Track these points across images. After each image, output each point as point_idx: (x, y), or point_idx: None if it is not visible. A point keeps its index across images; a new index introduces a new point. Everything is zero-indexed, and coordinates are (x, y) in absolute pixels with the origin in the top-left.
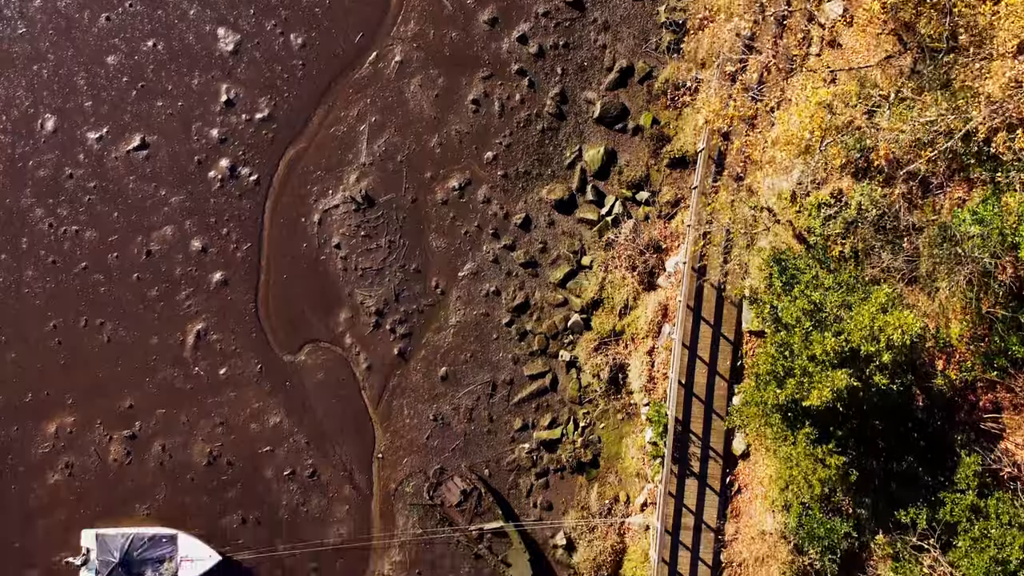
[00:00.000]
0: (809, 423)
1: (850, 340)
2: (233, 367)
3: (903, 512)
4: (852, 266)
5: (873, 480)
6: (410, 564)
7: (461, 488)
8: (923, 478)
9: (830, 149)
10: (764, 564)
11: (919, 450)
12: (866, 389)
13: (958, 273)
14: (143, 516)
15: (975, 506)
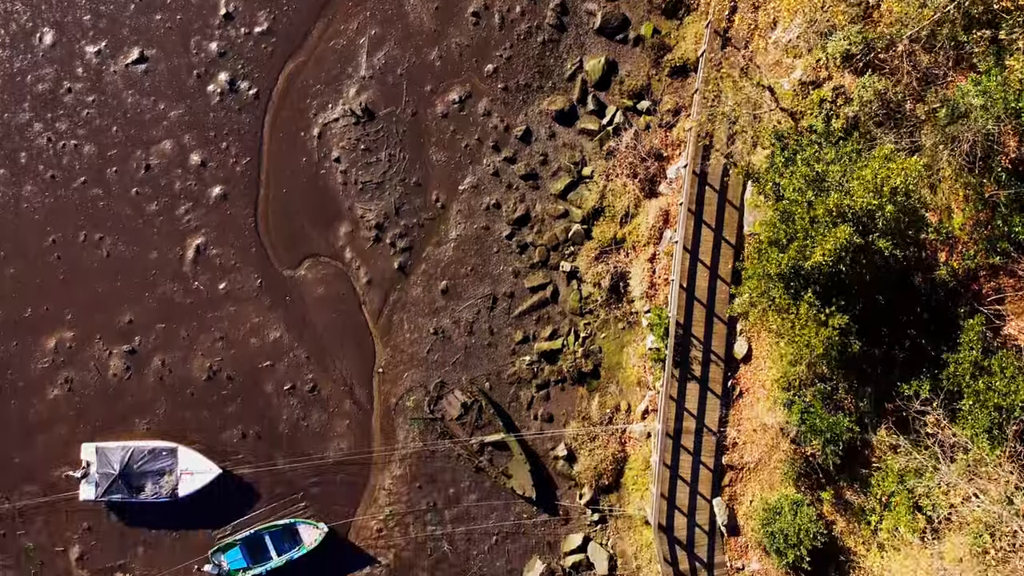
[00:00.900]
0: (812, 292)
1: (853, 198)
2: (233, 282)
3: (906, 385)
4: (855, 139)
5: (876, 369)
6: (411, 478)
7: (462, 401)
8: (926, 350)
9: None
10: (766, 466)
11: (922, 323)
12: (868, 253)
13: (962, 142)
14: (143, 431)
15: (978, 363)
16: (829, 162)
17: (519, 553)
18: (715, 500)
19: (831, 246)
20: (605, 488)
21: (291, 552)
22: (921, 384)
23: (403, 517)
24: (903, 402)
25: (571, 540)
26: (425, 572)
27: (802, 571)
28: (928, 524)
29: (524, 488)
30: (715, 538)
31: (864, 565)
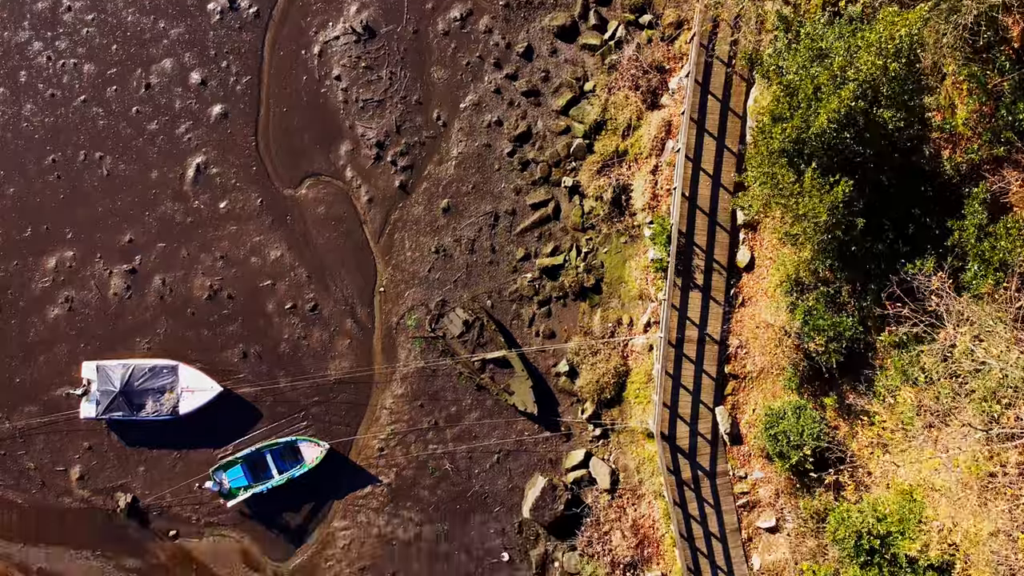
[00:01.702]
0: (815, 166)
1: (857, 65)
2: (233, 201)
3: (911, 264)
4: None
5: (879, 266)
6: (412, 396)
7: (463, 319)
8: (931, 231)
9: None
10: (769, 375)
11: (926, 204)
12: (873, 125)
13: (964, 13)
14: (144, 350)
15: (983, 227)
16: (833, 40)
17: (520, 471)
18: (717, 409)
19: (835, 106)
20: (607, 402)
21: (292, 470)
22: (925, 261)
23: (404, 436)
24: (906, 276)
25: (573, 456)
26: (426, 491)
27: (805, 474)
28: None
29: (526, 404)
30: (718, 447)
31: (868, 466)
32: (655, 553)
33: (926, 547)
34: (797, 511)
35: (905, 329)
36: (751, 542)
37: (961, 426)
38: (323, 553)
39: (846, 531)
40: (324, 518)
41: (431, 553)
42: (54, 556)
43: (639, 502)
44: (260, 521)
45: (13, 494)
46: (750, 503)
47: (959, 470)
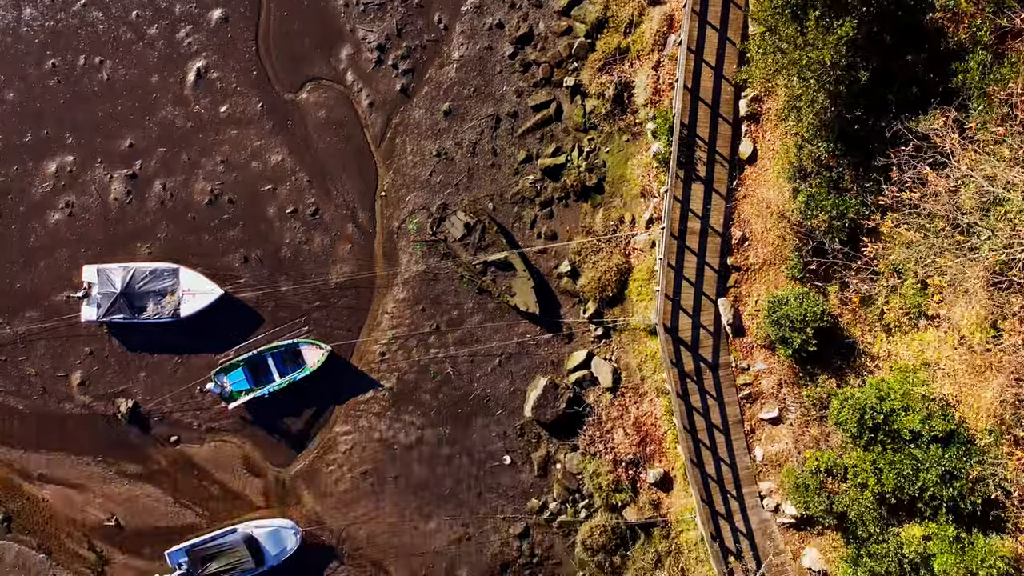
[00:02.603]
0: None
1: None
2: (234, 105)
3: (914, 121)
4: None
5: (882, 147)
6: (413, 301)
7: (464, 222)
8: (934, 86)
9: None
10: (772, 267)
11: (928, 64)
12: None
13: None
14: (145, 255)
15: (986, 66)
16: None
17: (522, 373)
18: (720, 300)
19: None
20: (609, 301)
21: (294, 373)
22: (929, 118)
23: (406, 340)
24: (907, 123)
25: (574, 357)
26: (428, 395)
27: (808, 360)
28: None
29: (527, 304)
30: (720, 339)
31: (871, 352)
32: (657, 450)
33: (928, 418)
34: (800, 400)
35: (907, 196)
36: (753, 434)
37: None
38: (324, 458)
39: (849, 412)
40: (325, 423)
41: (433, 457)
42: (55, 462)
43: (641, 400)
44: (261, 427)
45: (14, 400)
46: (752, 395)
47: (961, 338)
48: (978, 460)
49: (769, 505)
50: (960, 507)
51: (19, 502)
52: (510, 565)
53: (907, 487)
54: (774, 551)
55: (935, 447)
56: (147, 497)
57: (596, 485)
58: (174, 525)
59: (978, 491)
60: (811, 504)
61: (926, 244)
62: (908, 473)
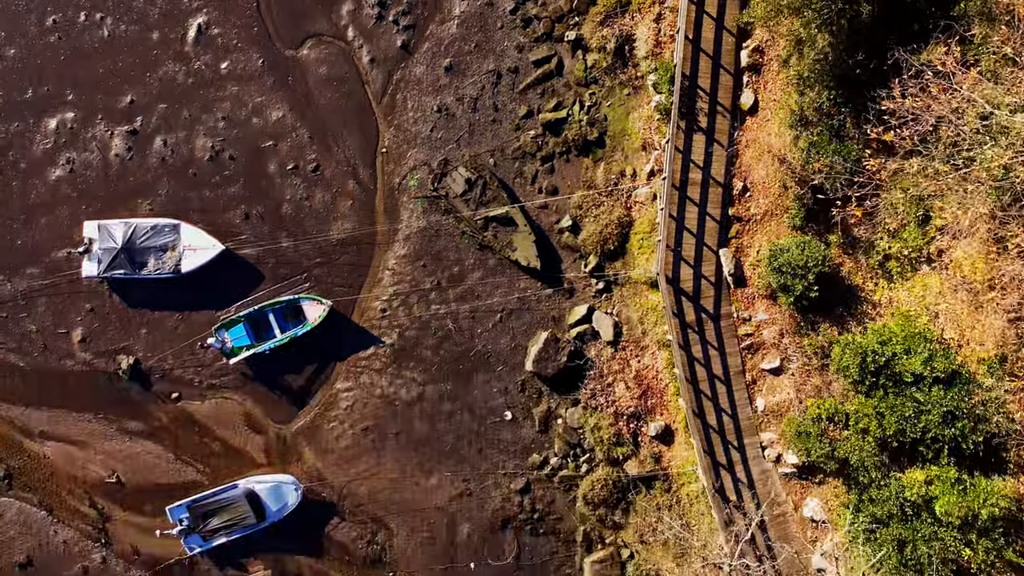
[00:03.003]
0: None
1: None
2: (235, 62)
3: (915, 57)
4: None
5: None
6: (415, 257)
7: (465, 177)
8: (935, 18)
9: None
10: (773, 217)
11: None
12: None
13: None
14: (146, 211)
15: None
16: None
17: (523, 329)
18: (721, 251)
19: None
20: (610, 255)
21: (294, 329)
22: (930, 48)
23: (407, 296)
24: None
25: (576, 312)
26: (429, 351)
27: (809, 309)
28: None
29: (529, 259)
30: (721, 289)
31: (872, 299)
32: (658, 403)
33: (930, 360)
34: (801, 350)
35: (908, 132)
36: (755, 384)
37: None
38: (325, 414)
39: (850, 357)
40: (327, 380)
41: (434, 413)
42: (56, 419)
43: (642, 353)
44: (262, 383)
45: (15, 357)
46: (754, 345)
47: (963, 276)
48: (980, 400)
49: (770, 455)
50: (962, 448)
51: (20, 459)
52: (511, 520)
53: (909, 429)
54: (775, 501)
55: (937, 388)
56: (148, 454)
57: (597, 439)
58: (175, 482)
59: (980, 430)
60: (812, 451)
61: (927, 169)
62: (910, 416)
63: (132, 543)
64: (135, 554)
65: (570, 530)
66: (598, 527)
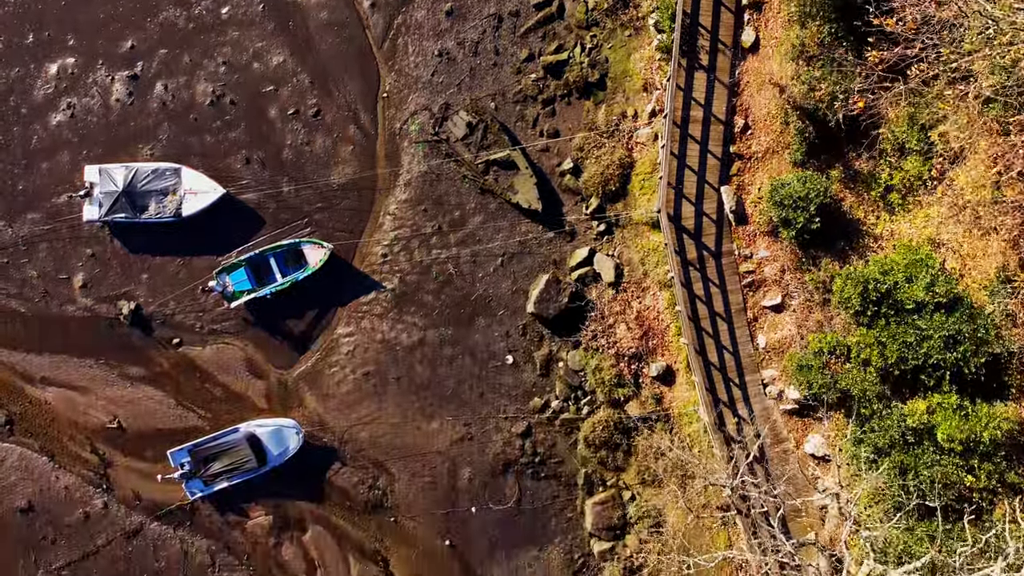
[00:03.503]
0: None
1: None
2: (235, 7)
3: None
4: None
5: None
6: (416, 201)
7: (467, 121)
8: None
9: None
10: (774, 154)
11: None
12: None
13: None
14: (146, 156)
15: None
16: None
17: (524, 273)
18: (723, 188)
19: None
20: (611, 196)
21: (296, 273)
22: None
23: (408, 241)
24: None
25: (577, 255)
26: (430, 296)
27: (811, 244)
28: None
29: (530, 202)
30: (723, 227)
31: (874, 233)
32: (660, 344)
33: (932, 285)
34: (803, 286)
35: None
36: (756, 322)
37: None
38: (327, 360)
39: (852, 287)
40: (328, 325)
41: (435, 357)
42: (57, 364)
43: (643, 295)
44: (264, 329)
45: (16, 303)
46: (755, 283)
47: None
48: (982, 324)
49: (772, 392)
50: (964, 374)
51: (21, 405)
52: (512, 464)
53: (910, 356)
54: (776, 438)
55: (939, 314)
56: (149, 400)
57: (598, 380)
58: (176, 427)
59: (982, 352)
60: (814, 383)
61: (931, 89)
62: (911, 343)
63: (133, 489)
64: (136, 499)
65: (571, 473)
66: (599, 470)
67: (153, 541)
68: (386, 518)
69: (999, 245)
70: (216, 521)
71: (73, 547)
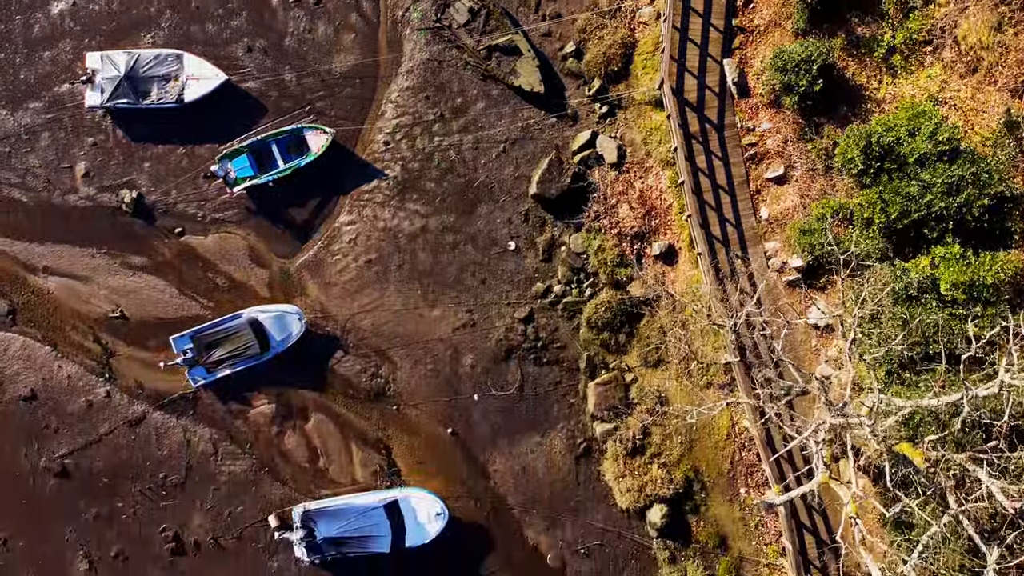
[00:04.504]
0: None
1: None
2: None
3: None
4: None
5: None
6: (418, 89)
7: (469, 7)
8: None
9: None
10: (776, 27)
11: None
12: None
13: None
14: (148, 44)
15: None
16: None
17: (527, 159)
18: (725, 60)
19: None
20: (613, 77)
21: (298, 159)
22: None
23: (410, 128)
24: None
25: (579, 138)
26: (432, 183)
27: (813, 111)
28: None
29: (532, 84)
30: (725, 99)
31: (876, 97)
32: (662, 223)
33: (935, 132)
34: (806, 154)
35: None
36: (759, 195)
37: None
38: (329, 248)
39: (855, 145)
40: (330, 214)
41: (437, 245)
42: (60, 254)
43: (646, 174)
44: (266, 218)
45: (18, 192)
46: (758, 155)
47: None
48: (984, 167)
49: (775, 264)
50: (967, 222)
51: (24, 294)
52: (515, 350)
53: (913, 209)
54: (779, 310)
55: (941, 164)
56: (152, 289)
57: (601, 261)
58: (179, 317)
59: (985, 194)
60: (816, 245)
61: None
62: (914, 194)
63: (136, 378)
64: (139, 389)
65: (573, 358)
66: (601, 352)
67: (156, 430)
68: (388, 406)
69: (1001, 97)
70: (219, 410)
71: (76, 435)
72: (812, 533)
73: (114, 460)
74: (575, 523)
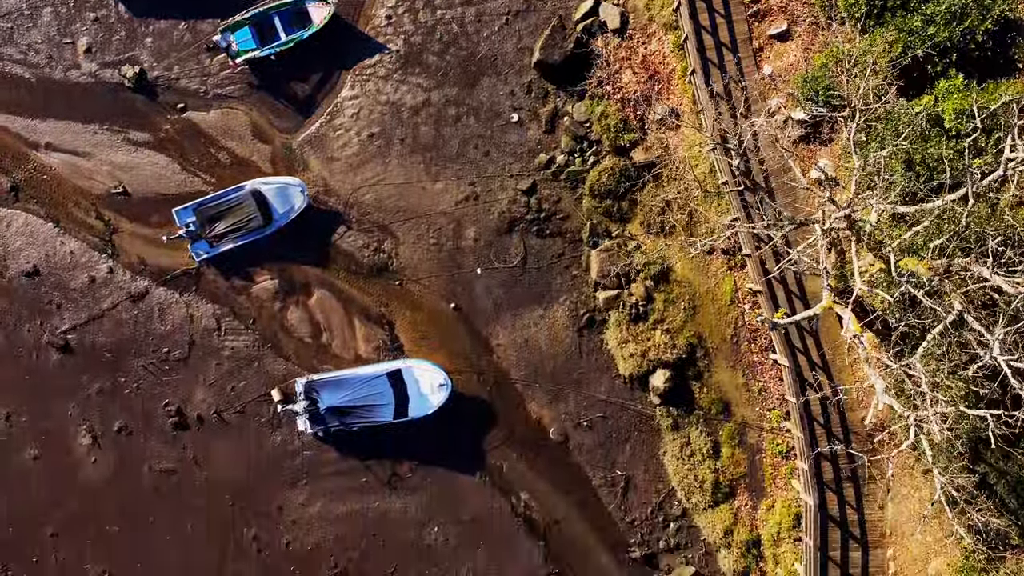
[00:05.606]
0: None
1: None
2: None
3: None
4: None
5: None
6: None
7: None
8: None
9: None
10: None
11: None
12: None
13: None
14: None
15: None
16: None
17: (529, 31)
18: None
19: None
20: None
21: (300, 32)
22: None
23: (412, 2)
24: None
25: (582, 7)
26: (435, 56)
27: None
28: None
29: None
30: None
31: None
32: (665, 88)
33: None
34: (808, 7)
35: None
36: (762, 52)
37: None
38: (331, 123)
39: None
40: (332, 89)
41: (439, 118)
42: (62, 130)
43: (649, 40)
44: (268, 93)
45: (20, 68)
46: (760, 12)
47: None
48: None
49: (778, 120)
50: (970, 51)
51: (26, 171)
52: (518, 223)
53: (916, 43)
54: (783, 168)
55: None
56: (154, 165)
57: (604, 127)
58: (181, 192)
59: (990, 17)
60: (820, 90)
61: None
62: (917, 28)
63: (139, 254)
64: (142, 264)
65: (576, 229)
66: (604, 221)
67: (158, 305)
68: (391, 281)
69: None
70: (221, 285)
71: (78, 311)
72: (804, 354)
73: (117, 335)
74: (578, 395)
